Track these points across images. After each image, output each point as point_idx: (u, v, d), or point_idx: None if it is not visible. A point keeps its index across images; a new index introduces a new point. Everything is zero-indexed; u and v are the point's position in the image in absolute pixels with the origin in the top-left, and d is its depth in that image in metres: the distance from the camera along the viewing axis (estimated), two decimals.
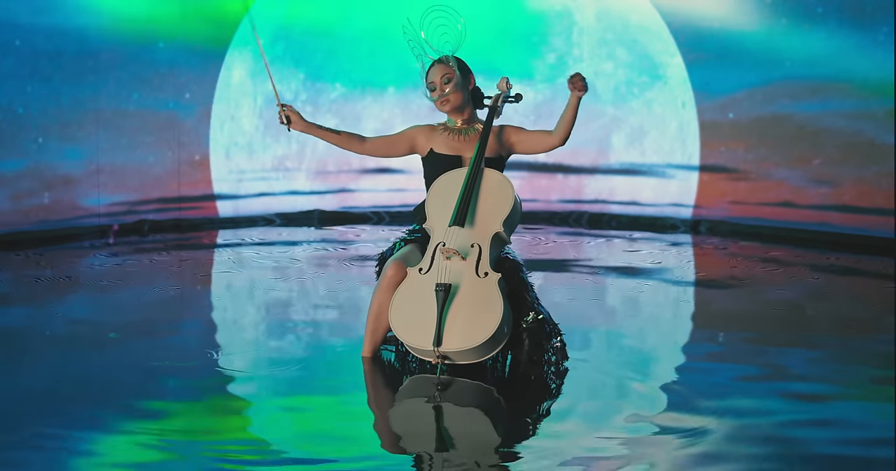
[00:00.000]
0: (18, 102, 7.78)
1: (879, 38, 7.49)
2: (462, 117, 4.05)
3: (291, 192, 9.65)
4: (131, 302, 5.50)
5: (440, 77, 3.98)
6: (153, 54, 8.59)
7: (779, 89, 8.25)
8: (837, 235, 7.78)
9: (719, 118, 8.76)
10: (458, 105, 4.01)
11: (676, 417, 3.37)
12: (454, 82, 3.97)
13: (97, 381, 3.84)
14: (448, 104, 3.99)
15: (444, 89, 3.97)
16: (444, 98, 3.98)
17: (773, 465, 2.96)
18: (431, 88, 4.01)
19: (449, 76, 3.98)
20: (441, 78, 3.98)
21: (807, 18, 8.00)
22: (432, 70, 4.01)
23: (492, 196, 3.91)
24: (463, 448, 3.11)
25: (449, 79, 3.98)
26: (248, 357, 4.28)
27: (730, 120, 8.67)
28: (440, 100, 3.98)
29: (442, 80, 3.98)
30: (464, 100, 4.02)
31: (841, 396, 3.67)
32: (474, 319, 3.64)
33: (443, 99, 3.98)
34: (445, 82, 3.98)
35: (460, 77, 3.98)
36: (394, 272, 3.82)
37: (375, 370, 3.86)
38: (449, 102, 3.99)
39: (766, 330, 4.78)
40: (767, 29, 8.25)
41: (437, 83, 3.98)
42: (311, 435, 3.24)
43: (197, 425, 3.29)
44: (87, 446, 3.08)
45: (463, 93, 4.01)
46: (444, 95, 3.97)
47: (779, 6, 8.28)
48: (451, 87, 3.97)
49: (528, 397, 3.61)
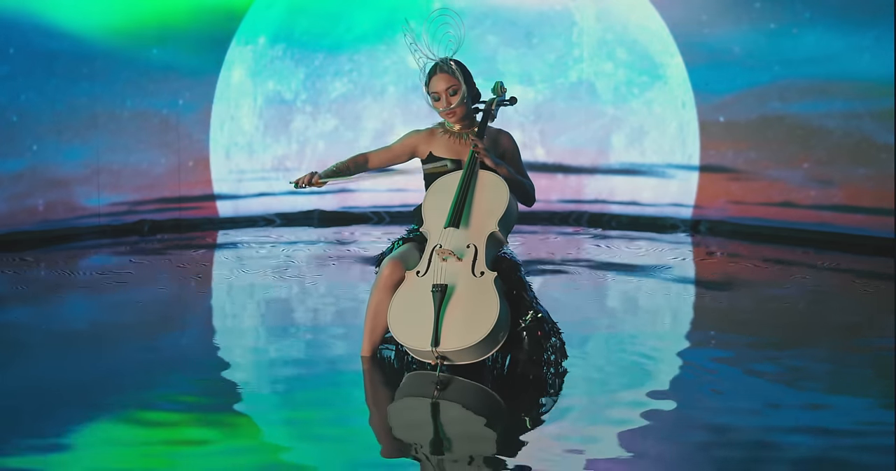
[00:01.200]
0: (18, 102, 7.78)
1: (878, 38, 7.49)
2: (462, 122, 4.06)
3: (291, 192, 9.64)
4: (131, 302, 5.50)
5: (445, 88, 3.96)
6: (153, 54, 8.59)
7: (778, 89, 8.25)
8: (837, 235, 7.78)
9: (719, 118, 8.75)
10: (464, 116, 4.02)
11: (675, 417, 3.37)
12: (460, 95, 3.97)
13: (96, 381, 3.84)
14: (454, 117, 4.01)
15: (451, 102, 3.96)
16: (451, 111, 3.98)
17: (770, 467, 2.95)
18: (436, 98, 4.00)
19: (455, 88, 3.96)
20: (447, 90, 3.96)
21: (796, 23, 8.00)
22: (435, 79, 3.98)
23: (487, 197, 3.92)
24: (461, 447, 3.11)
25: (455, 91, 3.97)
26: (247, 357, 4.28)
27: (730, 120, 8.67)
28: (446, 112, 3.98)
29: (447, 92, 3.96)
30: (468, 110, 4.03)
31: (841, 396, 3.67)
32: (471, 318, 3.64)
33: (449, 112, 3.98)
34: (451, 94, 3.97)
35: (466, 89, 3.97)
36: (390, 271, 3.83)
37: (374, 369, 3.86)
38: (455, 115, 4.00)
39: (765, 330, 4.77)
40: (767, 29, 8.25)
41: (443, 94, 3.97)
42: (310, 435, 3.24)
43: (195, 426, 3.29)
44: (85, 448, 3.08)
45: (468, 104, 4.02)
46: (450, 108, 3.97)
47: (767, 12, 8.30)
48: (457, 99, 3.97)
49: (526, 397, 3.61)
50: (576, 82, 9.57)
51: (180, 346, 4.51)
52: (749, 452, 3.04)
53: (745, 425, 3.28)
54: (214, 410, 3.45)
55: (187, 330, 4.87)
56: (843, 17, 7.73)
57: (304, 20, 9.46)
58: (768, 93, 8.33)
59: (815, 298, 5.86)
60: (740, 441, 3.13)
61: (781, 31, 8.16)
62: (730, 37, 8.52)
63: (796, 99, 8.17)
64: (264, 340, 4.58)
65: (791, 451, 3.05)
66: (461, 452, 3.06)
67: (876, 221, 7.60)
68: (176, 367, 4.03)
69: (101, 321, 5.02)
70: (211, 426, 3.28)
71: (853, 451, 3.07)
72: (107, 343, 4.51)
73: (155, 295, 5.74)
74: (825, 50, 7.87)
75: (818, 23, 7.95)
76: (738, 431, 3.22)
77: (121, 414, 3.38)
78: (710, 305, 5.66)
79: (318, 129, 9.66)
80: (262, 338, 4.65)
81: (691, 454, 3.02)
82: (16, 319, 5.12)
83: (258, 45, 9.32)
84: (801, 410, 3.48)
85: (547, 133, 9.34)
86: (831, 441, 3.15)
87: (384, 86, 9.62)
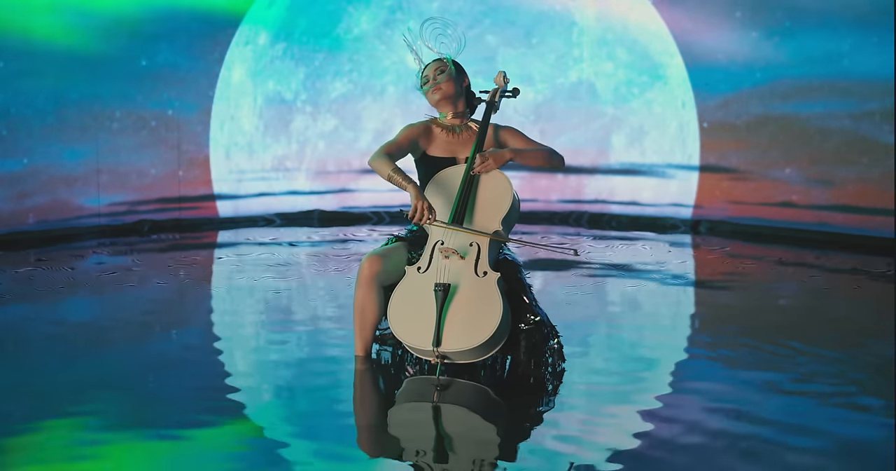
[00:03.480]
0: (18, 102, 7.78)
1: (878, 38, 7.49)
2: (453, 110, 4.05)
3: (291, 192, 9.66)
4: (131, 302, 5.50)
5: (434, 70, 4.05)
6: (153, 54, 8.60)
7: (778, 89, 8.25)
8: (837, 235, 7.78)
9: (719, 118, 8.76)
10: (450, 95, 4.02)
11: (675, 417, 3.37)
12: (447, 73, 4.01)
13: (95, 381, 3.84)
14: (440, 92, 4.02)
15: (437, 79, 4.00)
16: (437, 86, 4.00)
17: (771, 466, 2.96)
18: (425, 81, 4.04)
19: (442, 68, 4.03)
20: (435, 71, 4.04)
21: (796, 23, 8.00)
22: (428, 67, 4.07)
23: (490, 194, 3.90)
24: (461, 449, 3.11)
25: (442, 71, 4.02)
26: (246, 357, 4.29)
27: (730, 120, 8.67)
28: (432, 88, 4.01)
29: (435, 72, 4.03)
30: (455, 91, 4.04)
31: (842, 396, 3.67)
32: (474, 319, 3.63)
33: (435, 87, 4.00)
34: (439, 74, 4.01)
35: (454, 71, 4.02)
36: (368, 266, 3.84)
37: (368, 369, 3.86)
38: (441, 91, 4.01)
39: (766, 330, 4.77)
40: (767, 29, 8.25)
41: (431, 76, 4.04)
42: (308, 436, 3.24)
43: (193, 428, 3.29)
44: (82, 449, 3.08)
45: (455, 84, 4.03)
46: (436, 84, 4.00)
47: (746, 21, 8.32)
48: (443, 76, 4.00)
49: (526, 398, 3.61)
50: (576, 82, 9.57)
51: (179, 346, 4.52)
52: (749, 451, 3.04)
53: (746, 424, 3.28)
54: (214, 409, 3.45)
55: (187, 330, 4.87)
56: (844, 17, 7.73)
57: (304, 20, 9.46)
58: (768, 93, 8.33)
59: (815, 298, 5.86)
60: (740, 441, 3.13)
61: (781, 31, 8.16)
62: (730, 37, 8.52)
63: (796, 99, 8.17)
64: (264, 340, 4.58)
65: (791, 451, 3.05)
66: (461, 453, 3.06)
67: (876, 221, 7.60)
68: (175, 366, 4.03)
69: (100, 321, 5.02)
70: (211, 426, 3.28)
71: (853, 450, 3.07)
72: (106, 343, 4.51)
73: (154, 295, 5.74)
74: (825, 50, 7.87)
75: (818, 23, 7.95)
76: (739, 431, 3.22)
77: (120, 414, 3.38)
78: (710, 305, 5.65)
79: (318, 129, 9.67)
80: (262, 338, 4.65)
81: (691, 455, 3.02)
82: (16, 319, 5.12)
83: (258, 45, 9.32)
84: (802, 409, 3.48)
85: (547, 133, 9.34)
86: (831, 441, 3.15)
87: (384, 86, 9.62)
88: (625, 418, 3.38)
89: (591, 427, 3.32)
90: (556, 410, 3.51)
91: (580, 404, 3.56)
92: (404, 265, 3.87)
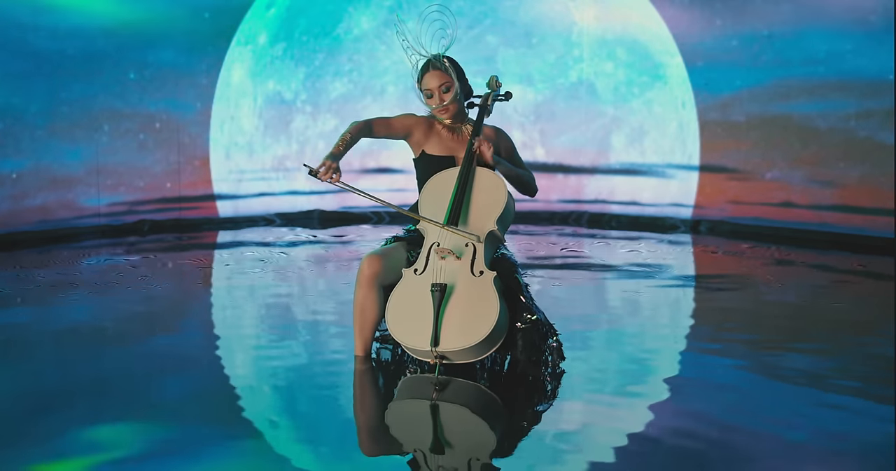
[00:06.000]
0: (19, 102, 7.78)
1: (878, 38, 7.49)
2: (454, 118, 4.05)
3: (291, 192, 9.67)
4: (130, 302, 5.50)
5: (438, 85, 3.96)
6: (154, 54, 8.60)
7: (778, 89, 8.25)
8: (837, 235, 7.78)
9: (719, 118, 8.76)
10: (456, 112, 4.02)
11: (674, 418, 3.37)
12: (453, 92, 3.96)
13: (95, 382, 3.84)
14: (447, 113, 4.00)
15: (444, 99, 3.96)
16: (444, 108, 3.98)
17: (771, 466, 2.96)
18: (428, 95, 4.00)
19: (448, 85, 3.97)
20: (440, 87, 3.97)
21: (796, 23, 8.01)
22: (428, 76, 3.98)
23: (485, 195, 3.90)
24: (460, 448, 3.11)
25: (448, 88, 3.97)
26: (246, 358, 4.29)
27: (730, 120, 8.67)
28: (439, 110, 3.98)
29: (440, 89, 3.97)
30: (461, 107, 4.03)
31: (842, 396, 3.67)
32: (471, 318, 3.63)
33: (442, 109, 3.98)
34: (444, 91, 3.97)
35: (459, 86, 3.98)
36: (367, 266, 3.83)
37: (368, 369, 3.86)
38: (448, 112, 4.00)
39: (766, 330, 4.77)
40: (767, 29, 8.25)
41: (436, 91, 3.97)
42: (308, 436, 3.24)
43: (193, 428, 3.29)
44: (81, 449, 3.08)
45: (461, 100, 4.02)
46: (443, 105, 3.97)
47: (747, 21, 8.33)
48: (450, 96, 3.96)
49: (524, 397, 3.60)
50: (576, 82, 9.57)
51: (179, 346, 4.51)
52: (750, 451, 3.04)
53: (746, 424, 3.28)
54: (214, 409, 3.45)
55: (186, 330, 4.87)
56: (844, 17, 7.73)
57: (304, 20, 9.46)
58: (768, 93, 8.33)
59: (815, 297, 5.86)
60: (740, 441, 3.13)
61: (781, 31, 8.16)
62: (730, 37, 8.52)
63: (796, 99, 8.17)
64: (263, 341, 4.58)
65: (791, 450, 3.05)
66: (460, 452, 3.06)
67: (876, 221, 7.60)
68: (175, 367, 4.03)
69: (100, 321, 5.02)
70: (210, 426, 3.28)
71: (853, 450, 3.07)
72: (106, 343, 4.51)
73: (154, 295, 5.74)
74: (825, 50, 7.87)
75: (819, 23, 7.95)
76: (739, 430, 3.22)
77: (120, 414, 3.38)
78: (710, 304, 5.65)
79: (318, 129, 9.67)
80: (262, 338, 4.65)
81: (691, 454, 3.02)
82: (16, 319, 5.12)
83: (258, 45, 9.33)
84: (802, 409, 3.48)
85: (547, 133, 9.34)
86: (831, 441, 3.15)
87: (384, 86, 9.63)
88: (624, 417, 3.38)
89: (590, 426, 3.32)
90: (555, 408, 3.51)
91: (579, 403, 3.56)
92: (404, 265, 3.87)
